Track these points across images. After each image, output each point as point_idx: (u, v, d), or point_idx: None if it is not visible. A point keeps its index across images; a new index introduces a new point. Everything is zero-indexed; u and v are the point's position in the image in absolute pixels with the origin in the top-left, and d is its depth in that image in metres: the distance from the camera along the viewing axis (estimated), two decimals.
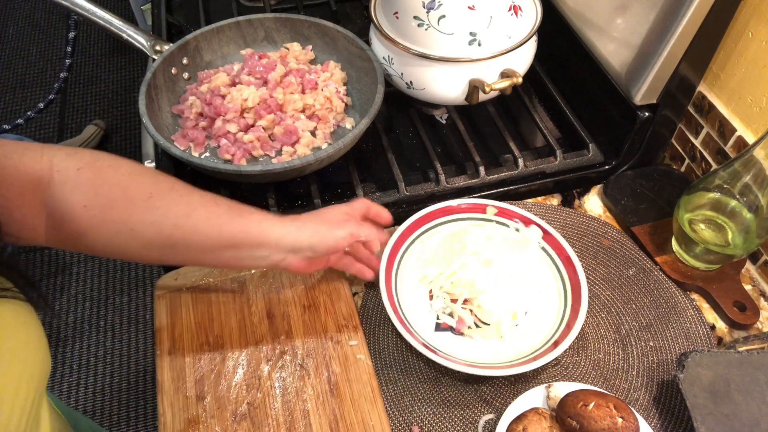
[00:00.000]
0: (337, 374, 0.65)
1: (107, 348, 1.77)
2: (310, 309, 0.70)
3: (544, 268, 0.73)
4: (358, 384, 0.64)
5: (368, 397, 0.63)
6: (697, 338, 0.70)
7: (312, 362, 0.65)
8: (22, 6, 2.88)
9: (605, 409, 0.57)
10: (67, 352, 1.76)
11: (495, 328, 0.68)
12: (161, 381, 0.64)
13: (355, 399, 0.63)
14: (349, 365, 0.65)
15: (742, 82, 0.74)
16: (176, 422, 0.61)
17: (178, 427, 0.61)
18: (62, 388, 1.69)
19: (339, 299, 0.71)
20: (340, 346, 0.67)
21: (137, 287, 1.91)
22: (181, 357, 0.66)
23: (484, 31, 0.76)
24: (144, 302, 1.87)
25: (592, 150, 0.86)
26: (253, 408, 0.62)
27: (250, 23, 0.91)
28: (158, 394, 0.63)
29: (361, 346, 0.67)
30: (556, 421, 0.59)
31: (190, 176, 0.86)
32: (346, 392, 0.63)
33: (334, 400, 0.63)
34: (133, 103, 2.43)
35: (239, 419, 0.61)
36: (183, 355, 0.66)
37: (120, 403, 1.67)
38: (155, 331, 0.69)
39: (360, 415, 0.62)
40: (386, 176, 0.85)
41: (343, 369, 0.65)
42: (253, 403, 0.62)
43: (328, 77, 0.88)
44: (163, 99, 0.84)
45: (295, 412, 0.62)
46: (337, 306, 0.70)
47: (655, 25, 0.73)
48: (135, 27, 0.86)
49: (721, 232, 0.71)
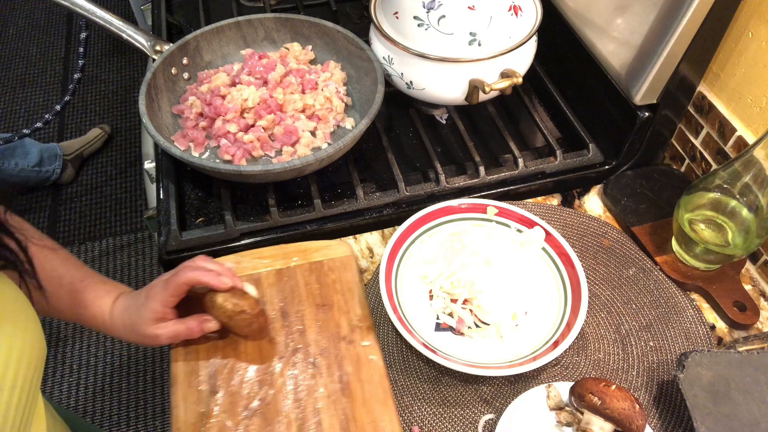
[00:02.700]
0: (349, 374, 0.64)
1: (107, 348, 1.77)
2: (324, 308, 0.70)
3: (544, 268, 0.73)
4: (369, 385, 0.64)
5: (380, 398, 0.63)
6: (697, 338, 0.70)
7: (324, 361, 0.65)
8: (22, 6, 2.88)
9: (626, 393, 0.58)
10: (67, 352, 1.76)
11: (495, 328, 0.68)
12: (175, 374, 0.65)
13: (367, 399, 0.63)
14: (361, 365, 0.65)
15: (742, 82, 0.74)
16: (189, 415, 0.61)
17: (190, 421, 0.61)
18: (62, 388, 1.69)
19: (353, 299, 0.70)
20: (352, 346, 0.67)
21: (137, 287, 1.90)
22: (195, 351, 0.66)
23: (484, 31, 0.76)
24: None
25: (592, 150, 0.86)
26: (265, 404, 0.62)
27: (250, 23, 0.91)
28: (172, 387, 0.64)
29: (373, 346, 0.67)
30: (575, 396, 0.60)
31: (190, 176, 0.86)
32: (357, 392, 0.63)
33: (345, 399, 0.63)
34: (133, 103, 2.43)
35: (251, 415, 0.61)
36: (197, 350, 0.66)
37: (120, 403, 1.67)
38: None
39: (371, 415, 0.61)
40: (386, 176, 0.85)
41: (356, 369, 0.65)
42: (265, 399, 0.63)
43: (328, 77, 0.88)
44: (163, 99, 0.84)
45: (306, 409, 0.62)
46: (351, 306, 0.70)
47: (655, 25, 0.73)
48: (135, 27, 0.85)
49: (721, 232, 0.71)
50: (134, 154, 2.28)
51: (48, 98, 2.47)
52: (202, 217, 0.81)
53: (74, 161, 2.18)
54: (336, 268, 0.73)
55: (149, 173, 1.02)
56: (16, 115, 2.41)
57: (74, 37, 2.73)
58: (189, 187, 0.85)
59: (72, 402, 1.67)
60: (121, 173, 2.22)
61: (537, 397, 0.62)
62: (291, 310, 0.70)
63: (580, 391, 0.59)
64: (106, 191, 2.16)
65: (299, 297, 0.71)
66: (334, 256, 0.74)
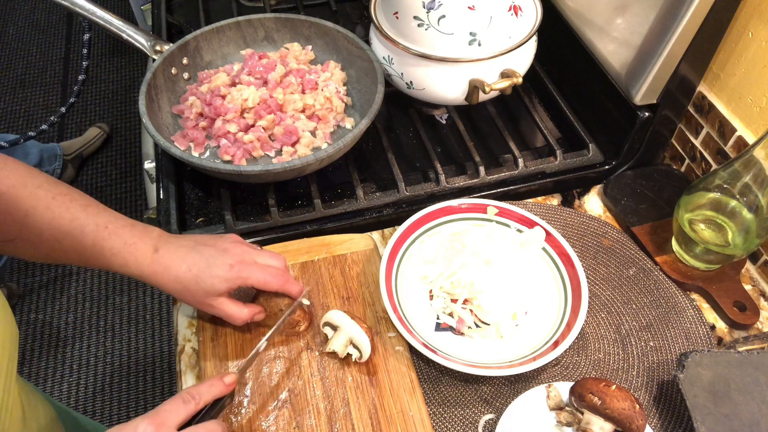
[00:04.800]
0: (375, 364, 0.66)
1: (107, 348, 1.77)
2: (350, 300, 0.71)
3: (544, 268, 0.73)
4: (397, 375, 0.65)
5: (407, 387, 0.64)
6: (697, 338, 0.70)
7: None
8: (22, 6, 2.88)
9: (626, 393, 0.58)
10: (67, 352, 1.76)
11: (495, 328, 0.68)
12: (204, 367, 0.66)
13: (395, 389, 0.64)
14: (388, 356, 0.66)
15: (742, 82, 0.74)
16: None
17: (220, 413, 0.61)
18: (62, 388, 1.69)
19: (378, 292, 0.71)
20: (378, 336, 0.68)
21: (137, 287, 1.91)
22: (223, 344, 0.67)
23: (484, 31, 0.76)
24: (144, 302, 1.87)
25: (592, 150, 0.86)
26: (294, 395, 0.63)
27: (250, 23, 0.91)
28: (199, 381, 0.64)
29: (399, 338, 0.68)
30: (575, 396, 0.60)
31: (190, 176, 0.86)
32: (385, 382, 0.64)
33: (373, 389, 0.64)
34: (133, 103, 2.43)
35: (280, 405, 0.62)
36: (225, 343, 0.67)
37: (120, 403, 1.67)
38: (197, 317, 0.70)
39: (399, 404, 0.63)
40: (386, 176, 0.85)
41: (382, 359, 0.66)
42: (294, 391, 0.64)
43: (328, 77, 0.88)
44: (163, 99, 0.84)
45: (335, 400, 0.63)
46: (376, 298, 0.71)
47: (655, 25, 0.73)
48: (135, 27, 0.85)
49: (721, 232, 0.71)
50: (134, 154, 2.28)
51: (48, 98, 2.47)
52: (202, 217, 0.81)
53: (74, 161, 2.18)
54: (359, 261, 0.75)
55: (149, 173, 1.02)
56: (16, 115, 2.41)
57: (74, 37, 2.73)
58: (189, 187, 0.85)
59: (72, 402, 1.67)
60: (121, 173, 2.22)
61: (537, 397, 0.62)
62: (316, 303, 0.71)
63: (580, 391, 0.59)
64: (106, 191, 2.16)
65: (324, 290, 0.72)
66: (357, 249, 0.76)
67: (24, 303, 1.87)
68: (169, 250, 0.60)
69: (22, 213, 0.56)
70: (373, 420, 0.62)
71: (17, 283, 1.91)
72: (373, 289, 0.72)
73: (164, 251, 0.60)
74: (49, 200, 0.57)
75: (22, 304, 1.87)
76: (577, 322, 0.66)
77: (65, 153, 2.15)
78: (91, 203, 0.60)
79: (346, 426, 0.61)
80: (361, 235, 0.78)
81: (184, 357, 0.68)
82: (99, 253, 0.59)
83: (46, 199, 0.57)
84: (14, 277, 1.93)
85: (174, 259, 0.60)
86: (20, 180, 0.56)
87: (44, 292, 1.90)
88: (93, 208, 0.59)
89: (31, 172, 0.58)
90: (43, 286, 1.91)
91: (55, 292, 1.90)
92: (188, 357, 0.68)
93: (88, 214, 0.59)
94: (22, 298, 1.88)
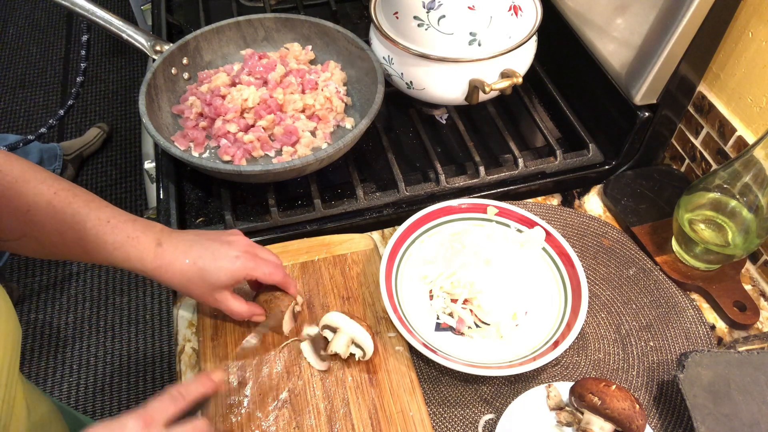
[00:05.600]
0: (376, 365, 0.66)
1: (107, 348, 1.77)
2: (350, 300, 0.71)
3: (544, 268, 0.73)
4: (397, 374, 0.65)
5: (407, 387, 0.64)
6: (697, 338, 0.70)
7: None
8: (22, 6, 2.88)
9: (626, 393, 0.58)
10: (67, 352, 1.76)
11: (495, 328, 0.68)
12: (204, 367, 0.66)
13: (394, 389, 0.64)
14: (387, 356, 0.67)
15: (742, 82, 0.74)
16: (218, 408, 0.62)
17: (220, 413, 0.62)
18: (62, 388, 1.69)
19: (378, 292, 0.71)
20: (378, 337, 0.68)
21: (137, 287, 1.91)
22: (223, 344, 0.67)
23: (484, 31, 0.76)
24: (144, 302, 1.87)
25: (592, 150, 0.86)
26: (294, 395, 0.63)
27: (250, 23, 0.91)
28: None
29: (399, 338, 0.68)
30: (575, 396, 0.60)
31: (190, 176, 0.86)
32: (385, 382, 0.64)
33: (373, 389, 0.64)
34: (133, 103, 2.43)
35: (280, 405, 0.62)
36: (225, 343, 0.67)
37: (120, 403, 1.67)
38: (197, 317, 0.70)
39: (399, 404, 0.63)
40: (386, 176, 0.85)
41: (382, 359, 0.66)
42: (294, 391, 0.64)
43: (328, 77, 0.88)
44: (163, 99, 0.84)
45: (335, 400, 0.63)
46: (376, 298, 0.71)
47: (655, 25, 0.73)
48: (135, 27, 0.85)
49: (721, 232, 0.71)
50: (134, 154, 2.28)
51: (48, 99, 2.48)
52: (202, 217, 0.81)
53: (74, 161, 2.18)
54: (359, 261, 0.75)
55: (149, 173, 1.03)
56: (16, 116, 2.41)
57: (74, 37, 2.73)
58: (189, 187, 0.85)
59: (72, 401, 1.67)
60: (121, 173, 2.22)
61: (537, 397, 0.62)
62: (317, 303, 0.71)
63: (580, 391, 0.59)
64: (107, 191, 2.16)
65: (324, 290, 0.72)
66: (357, 249, 0.76)
67: (24, 303, 1.87)
68: (172, 244, 0.60)
69: (24, 208, 0.56)
70: (373, 420, 0.62)
71: (17, 283, 1.91)
72: (373, 289, 0.72)
73: (167, 245, 0.60)
74: (51, 195, 0.57)
75: (23, 304, 1.87)
76: (577, 322, 0.66)
77: (65, 153, 2.15)
78: (94, 199, 0.60)
79: (346, 426, 0.61)
80: (361, 235, 0.78)
81: (184, 357, 0.68)
82: (101, 247, 0.59)
83: (48, 195, 0.57)
84: (14, 276, 1.93)
85: (177, 252, 0.60)
86: (23, 176, 0.56)
87: (44, 292, 1.90)
88: (95, 203, 0.60)
89: (34, 169, 0.58)
90: (43, 286, 1.91)
91: (56, 292, 1.90)
92: (188, 357, 0.68)
93: (90, 209, 0.59)
94: (22, 298, 1.88)
